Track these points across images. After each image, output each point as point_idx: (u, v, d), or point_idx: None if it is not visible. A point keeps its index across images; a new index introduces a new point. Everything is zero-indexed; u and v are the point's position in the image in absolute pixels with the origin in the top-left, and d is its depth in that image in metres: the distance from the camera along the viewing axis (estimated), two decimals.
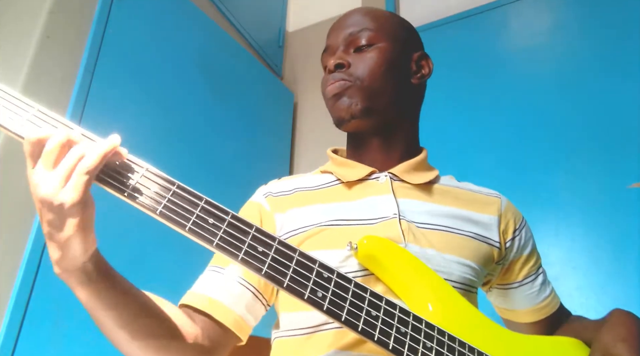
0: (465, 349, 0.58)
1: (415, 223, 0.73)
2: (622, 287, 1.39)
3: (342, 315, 0.53)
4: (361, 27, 0.81)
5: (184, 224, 0.51)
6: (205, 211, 0.53)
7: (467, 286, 0.71)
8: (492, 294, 0.87)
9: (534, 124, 1.70)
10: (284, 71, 2.46)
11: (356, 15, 0.84)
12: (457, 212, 0.77)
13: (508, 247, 0.80)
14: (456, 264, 0.71)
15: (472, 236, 0.75)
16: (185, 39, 1.73)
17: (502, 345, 0.64)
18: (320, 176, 0.84)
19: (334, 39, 0.84)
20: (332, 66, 0.79)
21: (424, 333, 0.57)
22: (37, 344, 1.07)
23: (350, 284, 0.56)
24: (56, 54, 1.31)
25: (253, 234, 0.53)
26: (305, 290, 0.53)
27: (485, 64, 1.89)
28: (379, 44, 0.80)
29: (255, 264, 0.52)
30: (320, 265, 0.55)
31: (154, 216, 0.51)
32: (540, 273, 0.85)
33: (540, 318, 0.83)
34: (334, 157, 0.86)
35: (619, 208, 1.46)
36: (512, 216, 0.82)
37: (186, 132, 1.65)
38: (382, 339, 0.53)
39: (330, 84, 0.79)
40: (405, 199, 0.76)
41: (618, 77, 1.60)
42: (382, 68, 0.79)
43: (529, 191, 1.59)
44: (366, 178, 0.80)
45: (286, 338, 0.72)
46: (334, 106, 0.80)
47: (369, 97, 0.78)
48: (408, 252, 0.67)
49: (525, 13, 1.90)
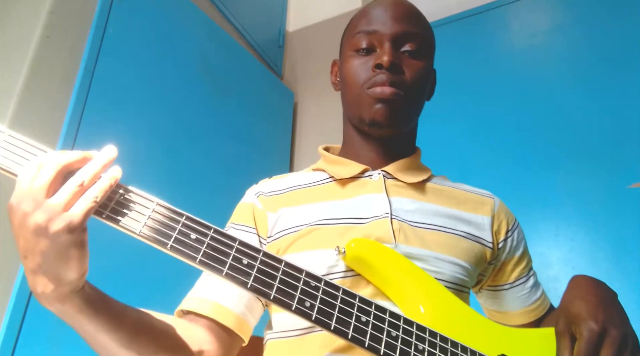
0: (458, 349, 0.58)
1: (407, 222, 0.72)
2: (622, 287, 1.38)
3: (331, 324, 0.52)
4: (417, 30, 0.78)
5: (165, 242, 0.50)
6: (187, 227, 0.51)
7: (458, 286, 0.71)
8: (482, 296, 0.87)
9: (534, 124, 1.70)
10: (284, 71, 2.46)
11: (408, 11, 0.80)
12: (449, 211, 0.77)
13: (500, 248, 0.80)
14: (448, 264, 0.71)
15: (465, 236, 0.75)
16: (185, 39, 1.73)
17: (493, 340, 0.64)
18: (312, 174, 0.83)
19: (384, 26, 0.78)
20: (387, 64, 0.74)
21: (415, 335, 0.56)
22: (37, 344, 1.07)
23: (338, 292, 0.55)
24: (56, 54, 1.31)
25: (237, 248, 0.52)
26: (293, 301, 0.52)
27: (485, 64, 1.89)
28: (425, 54, 0.79)
29: (240, 278, 0.51)
30: (307, 274, 0.54)
31: (135, 236, 0.50)
32: (532, 275, 0.85)
33: (531, 320, 0.83)
34: (326, 155, 0.85)
35: (619, 208, 1.46)
36: (505, 217, 0.82)
37: (186, 132, 1.65)
38: (372, 345, 0.53)
39: (381, 86, 0.75)
40: (398, 197, 0.76)
41: (618, 77, 1.60)
42: (424, 83, 0.79)
43: (529, 191, 1.59)
44: (359, 175, 0.79)
45: (279, 339, 0.71)
46: (373, 107, 0.76)
47: (409, 111, 0.78)
48: (397, 253, 0.67)
49: (525, 13, 1.90)
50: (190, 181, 1.59)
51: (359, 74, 0.77)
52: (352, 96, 0.79)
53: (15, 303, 1.05)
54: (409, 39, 0.77)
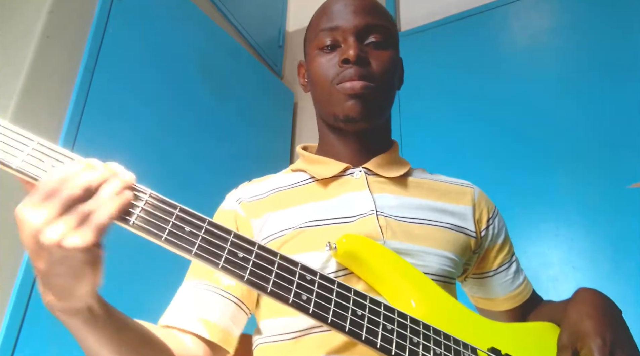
0: (450, 341, 0.59)
1: (392, 218, 0.72)
2: (622, 287, 1.39)
3: (328, 317, 0.52)
4: (379, 22, 0.78)
5: (159, 235, 0.48)
6: (180, 219, 0.50)
7: (445, 278, 0.72)
8: (467, 284, 0.88)
9: (534, 124, 1.70)
10: (284, 71, 2.46)
11: (371, 5, 0.80)
12: (432, 204, 0.78)
13: (483, 236, 0.81)
14: (435, 257, 0.71)
15: (449, 227, 0.76)
16: (185, 39, 1.73)
17: (483, 333, 0.65)
18: (292, 175, 0.83)
19: (345, 21, 0.77)
20: (353, 58, 0.73)
21: (409, 328, 0.57)
22: (37, 344, 1.07)
23: (333, 285, 0.55)
24: (56, 54, 1.31)
25: (232, 240, 0.51)
26: (290, 294, 0.51)
27: (485, 64, 1.89)
28: (390, 45, 0.79)
29: (236, 271, 0.50)
30: (303, 268, 0.54)
31: (128, 228, 0.48)
32: (514, 261, 0.86)
33: (515, 305, 0.85)
34: (305, 154, 0.84)
35: (619, 208, 1.46)
36: (485, 205, 0.83)
37: (186, 132, 1.65)
38: (369, 338, 0.53)
39: (350, 81, 0.74)
40: (381, 194, 0.76)
41: (618, 78, 1.60)
42: (393, 73, 0.79)
43: (529, 192, 1.59)
44: (341, 174, 0.78)
45: (271, 343, 0.71)
46: (346, 103, 0.75)
47: (379, 101, 0.77)
48: (386, 249, 0.67)
49: (525, 13, 1.90)
50: (190, 181, 1.59)
51: (327, 71, 0.76)
52: (322, 94, 0.78)
53: (15, 303, 1.05)
54: (372, 30, 0.77)
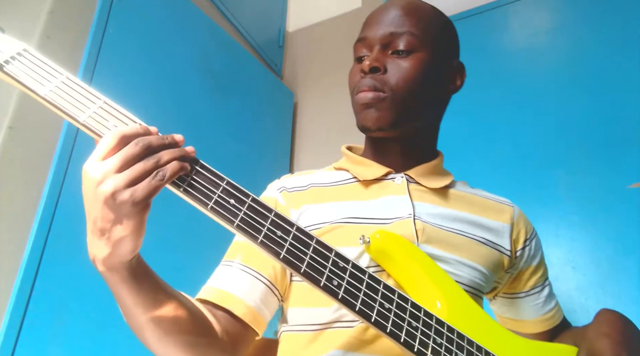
0: (473, 348, 0.59)
1: (430, 224, 0.73)
2: (622, 287, 1.38)
3: (356, 305, 0.53)
4: (404, 29, 0.77)
5: (206, 203, 0.52)
6: (226, 192, 0.53)
7: (475, 290, 0.72)
8: (496, 303, 0.88)
9: (534, 123, 1.69)
10: (284, 71, 2.46)
11: (400, 12, 0.79)
12: (470, 217, 0.78)
13: (518, 256, 0.80)
14: (467, 268, 0.71)
15: (484, 242, 0.76)
16: (185, 39, 1.73)
17: (507, 346, 0.64)
18: (335, 173, 0.84)
19: (372, 32, 0.79)
20: (367, 68, 0.75)
21: (434, 329, 0.57)
22: (37, 344, 1.07)
23: (364, 276, 0.56)
24: (56, 54, 1.31)
25: (272, 219, 0.54)
26: (322, 277, 0.53)
27: (485, 64, 1.89)
28: (418, 52, 0.77)
29: (273, 247, 0.52)
30: (336, 254, 0.56)
31: (178, 193, 0.52)
32: (547, 285, 0.86)
33: (545, 329, 0.84)
34: (350, 155, 0.85)
35: (619, 208, 1.46)
36: (523, 226, 0.83)
37: (186, 132, 1.63)
38: (394, 331, 0.54)
39: (362, 91, 0.76)
40: (420, 202, 0.76)
41: (618, 77, 1.60)
42: (418, 80, 0.76)
43: (529, 191, 1.59)
44: (382, 177, 0.79)
45: (295, 332, 0.72)
46: (361, 113, 0.77)
47: (399, 110, 0.76)
48: (419, 250, 0.68)
49: (525, 13, 1.90)
50: None
51: (351, 81, 0.80)
52: (351, 102, 0.82)
53: (15, 303, 1.05)
54: (395, 39, 0.77)
